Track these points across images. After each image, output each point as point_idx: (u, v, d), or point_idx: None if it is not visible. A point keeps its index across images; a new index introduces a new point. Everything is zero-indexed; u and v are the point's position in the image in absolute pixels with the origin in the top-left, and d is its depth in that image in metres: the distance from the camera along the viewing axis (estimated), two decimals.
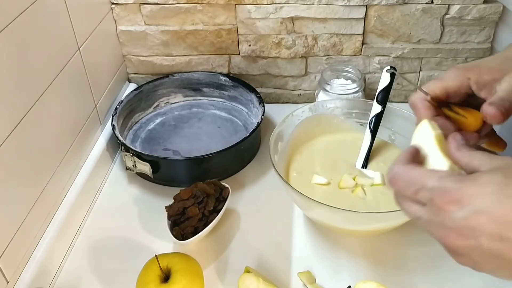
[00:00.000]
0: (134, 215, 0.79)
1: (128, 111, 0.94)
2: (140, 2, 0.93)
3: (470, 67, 0.51)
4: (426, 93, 0.52)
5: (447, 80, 0.51)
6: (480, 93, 0.50)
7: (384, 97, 0.76)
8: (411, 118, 0.77)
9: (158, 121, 0.97)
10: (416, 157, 0.43)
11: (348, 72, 0.93)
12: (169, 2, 0.93)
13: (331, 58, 0.98)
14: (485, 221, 0.33)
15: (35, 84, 0.67)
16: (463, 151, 0.40)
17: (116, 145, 0.90)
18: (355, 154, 0.77)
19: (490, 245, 0.33)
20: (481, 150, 0.39)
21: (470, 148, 0.40)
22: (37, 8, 0.66)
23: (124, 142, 0.84)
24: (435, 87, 0.52)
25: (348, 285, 0.65)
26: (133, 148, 0.82)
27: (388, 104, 0.77)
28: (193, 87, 1.01)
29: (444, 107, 0.52)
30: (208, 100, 1.02)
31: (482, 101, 0.49)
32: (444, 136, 0.45)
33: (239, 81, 0.97)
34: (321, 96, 0.91)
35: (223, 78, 0.99)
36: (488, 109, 0.45)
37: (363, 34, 0.95)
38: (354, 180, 0.73)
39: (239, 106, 0.99)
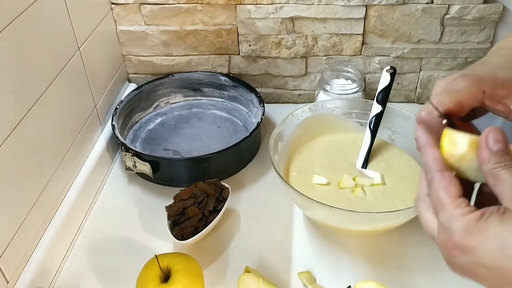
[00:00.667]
0: (134, 215, 0.79)
1: (128, 111, 0.94)
2: (140, 2, 0.93)
3: (484, 78, 0.46)
4: (437, 108, 0.45)
5: (461, 93, 0.45)
6: (496, 107, 0.46)
7: (384, 97, 0.76)
8: (411, 118, 0.77)
9: (158, 121, 0.98)
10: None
11: (348, 72, 0.93)
12: (169, 2, 0.93)
13: (331, 58, 0.98)
14: (484, 273, 0.35)
15: (35, 84, 0.67)
16: (494, 165, 0.37)
17: (116, 145, 0.90)
18: (355, 154, 0.77)
19: (488, 285, 0.36)
20: None
21: (503, 160, 0.36)
22: (37, 8, 0.66)
23: (124, 142, 0.84)
24: (449, 101, 0.45)
25: (348, 285, 0.65)
26: (133, 148, 0.82)
27: (388, 104, 0.77)
28: (193, 87, 1.01)
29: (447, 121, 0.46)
30: (208, 100, 1.02)
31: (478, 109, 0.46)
32: None
33: (239, 81, 0.97)
34: (321, 96, 0.91)
35: (223, 78, 0.99)
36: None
37: (363, 34, 0.95)
38: (354, 180, 0.73)
39: (239, 106, 0.99)
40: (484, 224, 0.35)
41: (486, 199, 0.39)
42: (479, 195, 0.41)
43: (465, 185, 0.39)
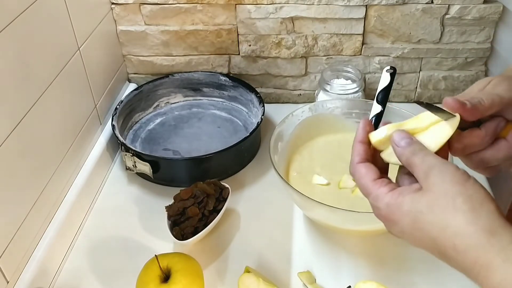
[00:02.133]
0: (134, 215, 0.79)
1: (128, 111, 0.94)
2: (140, 2, 0.93)
3: (460, 95, 0.48)
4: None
5: (465, 94, 0.49)
6: None
7: (384, 97, 0.76)
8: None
9: (158, 121, 0.97)
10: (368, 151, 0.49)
11: (348, 72, 0.93)
12: (169, 2, 0.93)
13: (331, 58, 0.98)
14: (408, 238, 0.44)
15: (35, 84, 0.67)
16: (407, 156, 0.45)
17: (116, 145, 0.90)
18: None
19: (415, 244, 0.44)
20: (420, 154, 0.44)
21: (412, 147, 0.45)
22: (37, 8, 0.66)
23: (124, 142, 0.84)
24: (453, 101, 0.47)
25: (348, 285, 0.65)
26: (133, 148, 0.82)
27: (388, 104, 0.77)
28: (193, 87, 1.01)
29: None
30: (208, 100, 1.02)
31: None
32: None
33: (239, 81, 0.97)
34: (321, 96, 0.91)
35: (223, 78, 0.99)
36: (446, 99, 0.46)
37: (363, 34, 0.95)
38: (354, 180, 0.73)
39: (239, 106, 0.99)
40: (401, 201, 0.43)
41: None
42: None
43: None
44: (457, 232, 0.39)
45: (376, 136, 0.50)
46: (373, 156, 0.49)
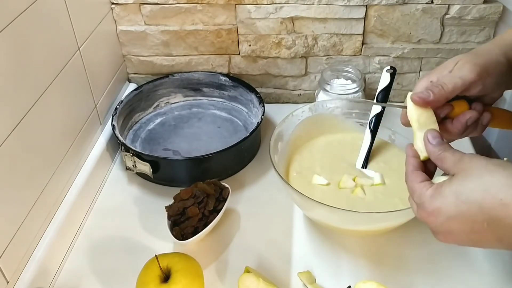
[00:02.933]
0: (134, 215, 0.79)
1: (128, 111, 0.94)
2: (140, 2, 0.93)
3: (431, 71, 0.57)
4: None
5: (415, 91, 0.56)
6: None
7: (384, 97, 0.76)
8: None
9: (158, 121, 0.98)
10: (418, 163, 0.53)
11: (348, 72, 0.93)
12: (169, 2, 0.93)
13: (331, 58, 0.98)
14: (457, 224, 0.44)
15: (35, 84, 0.67)
16: (438, 153, 0.50)
17: (116, 145, 0.90)
18: (355, 154, 0.77)
19: (468, 237, 0.45)
20: (451, 150, 0.49)
21: (443, 147, 0.50)
22: (37, 8, 0.66)
23: (124, 142, 0.84)
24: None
25: (348, 285, 0.65)
26: (133, 148, 0.82)
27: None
28: (193, 87, 1.01)
29: None
30: (208, 100, 1.02)
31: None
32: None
33: (239, 81, 0.97)
34: (321, 96, 0.91)
35: (223, 78, 0.99)
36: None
37: (363, 34, 0.95)
38: (354, 180, 0.73)
39: (239, 106, 0.99)
40: (441, 188, 0.46)
41: None
42: None
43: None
44: (500, 187, 0.42)
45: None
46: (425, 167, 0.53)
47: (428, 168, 0.53)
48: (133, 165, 0.83)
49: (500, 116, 0.60)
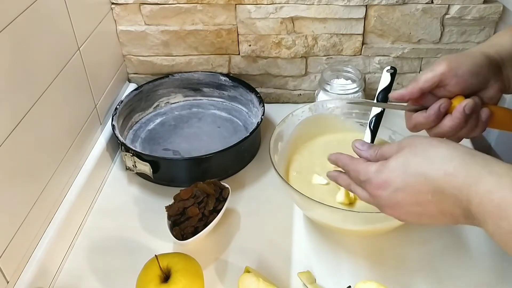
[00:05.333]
0: (134, 215, 0.79)
1: (128, 111, 0.94)
2: (140, 2, 0.93)
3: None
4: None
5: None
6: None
7: (384, 97, 0.76)
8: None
9: (158, 121, 0.98)
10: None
11: (348, 72, 0.93)
12: (169, 2, 0.93)
13: (331, 58, 0.98)
14: (403, 195, 0.46)
15: (35, 84, 0.67)
16: (375, 153, 0.53)
17: (116, 145, 0.90)
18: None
19: (412, 209, 0.47)
20: (385, 145, 0.52)
21: (376, 147, 0.54)
22: (37, 8, 0.66)
23: (124, 142, 0.84)
24: (411, 89, 0.60)
25: (348, 285, 0.65)
26: (133, 148, 0.82)
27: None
28: (193, 87, 1.01)
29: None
30: (208, 100, 1.02)
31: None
32: None
33: (239, 81, 0.97)
34: (321, 96, 0.91)
35: (223, 78, 0.99)
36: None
37: (363, 34, 0.95)
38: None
39: (239, 106, 0.99)
40: (387, 163, 0.49)
41: None
42: None
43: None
44: (444, 159, 0.44)
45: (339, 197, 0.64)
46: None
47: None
48: (133, 165, 0.83)
49: (500, 115, 0.60)
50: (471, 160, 0.43)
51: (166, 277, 0.61)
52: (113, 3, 0.94)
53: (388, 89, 0.76)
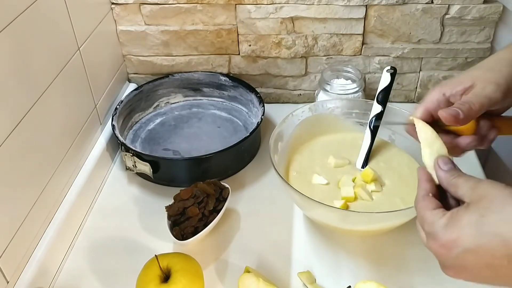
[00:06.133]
0: (134, 215, 0.79)
1: (128, 111, 0.94)
2: (140, 2, 0.93)
3: (444, 83, 0.57)
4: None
5: (426, 102, 0.57)
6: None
7: (384, 97, 0.76)
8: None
9: (158, 121, 0.98)
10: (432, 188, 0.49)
11: (348, 72, 0.93)
12: (169, 2, 0.93)
13: (331, 58, 0.98)
14: (473, 258, 0.40)
15: (35, 84, 0.67)
16: (450, 179, 0.47)
17: (116, 145, 0.90)
18: (355, 154, 0.77)
19: (481, 273, 0.41)
20: (464, 176, 0.46)
21: (455, 173, 0.47)
22: (37, 8, 0.66)
23: (124, 142, 0.84)
24: (418, 111, 0.57)
25: (348, 285, 0.65)
26: (133, 148, 0.82)
27: (388, 104, 0.77)
28: (193, 87, 1.01)
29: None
30: (208, 100, 1.02)
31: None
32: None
33: (239, 81, 0.97)
34: (321, 96, 0.91)
35: (223, 78, 0.99)
36: (440, 113, 0.53)
37: (363, 34, 0.95)
38: (353, 181, 0.73)
39: (239, 106, 0.99)
40: (457, 217, 0.42)
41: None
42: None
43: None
44: None
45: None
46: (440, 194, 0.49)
47: (442, 195, 0.48)
48: (133, 165, 0.83)
49: (506, 126, 0.59)
50: None
51: (166, 277, 0.61)
52: (113, 3, 0.94)
53: (388, 89, 0.76)
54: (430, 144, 0.52)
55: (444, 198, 0.48)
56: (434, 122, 0.56)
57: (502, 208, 0.40)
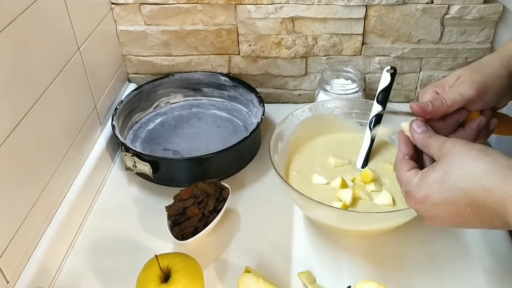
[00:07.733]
0: (134, 215, 0.79)
1: (128, 111, 0.94)
2: (140, 2, 0.93)
3: (437, 83, 0.59)
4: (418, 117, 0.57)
5: (422, 99, 0.59)
6: None
7: (384, 97, 0.76)
8: (411, 118, 0.77)
9: (158, 121, 0.98)
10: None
11: (348, 72, 0.93)
12: (169, 2, 0.93)
13: (331, 58, 0.98)
14: (442, 209, 0.47)
15: (35, 84, 0.67)
16: (423, 140, 0.52)
17: (116, 145, 0.90)
18: (355, 154, 0.77)
19: (452, 220, 0.48)
20: (434, 136, 0.52)
21: (427, 134, 0.53)
22: (37, 8, 0.66)
23: (124, 142, 0.84)
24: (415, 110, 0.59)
25: (348, 285, 0.65)
26: (133, 148, 0.82)
27: (388, 104, 0.77)
28: (193, 87, 1.01)
29: None
30: (208, 100, 1.02)
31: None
32: None
33: (239, 81, 0.97)
34: (321, 96, 0.91)
35: (223, 78, 0.99)
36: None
37: (363, 34, 0.95)
38: (353, 181, 0.73)
39: (239, 106, 0.99)
40: (426, 176, 0.49)
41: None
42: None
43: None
44: (482, 174, 0.44)
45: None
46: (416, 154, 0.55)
47: (419, 155, 0.55)
48: (133, 165, 0.83)
49: (503, 122, 0.61)
50: (510, 173, 0.43)
51: (166, 277, 0.61)
52: (113, 3, 0.94)
53: (388, 89, 0.76)
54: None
55: (421, 158, 0.54)
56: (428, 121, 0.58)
57: (462, 164, 0.46)
